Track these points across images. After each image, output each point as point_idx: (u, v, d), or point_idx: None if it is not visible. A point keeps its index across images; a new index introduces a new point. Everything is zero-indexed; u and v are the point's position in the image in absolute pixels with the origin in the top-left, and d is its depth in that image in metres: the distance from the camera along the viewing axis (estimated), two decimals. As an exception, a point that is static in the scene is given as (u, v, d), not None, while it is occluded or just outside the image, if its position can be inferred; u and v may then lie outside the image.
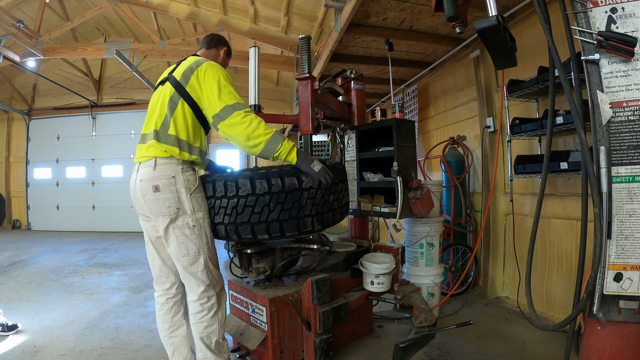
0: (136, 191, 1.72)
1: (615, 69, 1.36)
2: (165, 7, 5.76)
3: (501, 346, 2.32)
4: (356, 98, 2.98)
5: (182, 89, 1.71)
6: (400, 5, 2.78)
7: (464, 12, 1.42)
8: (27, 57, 5.85)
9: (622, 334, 1.34)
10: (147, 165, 1.68)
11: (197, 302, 1.71)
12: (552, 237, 2.69)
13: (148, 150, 1.70)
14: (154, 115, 1.76)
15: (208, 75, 1.71)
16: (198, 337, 1.72)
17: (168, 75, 1.81)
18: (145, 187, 1.67)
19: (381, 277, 2.23)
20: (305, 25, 5.06)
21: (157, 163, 1.67)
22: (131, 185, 1.77)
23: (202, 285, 1.71)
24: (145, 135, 1.78)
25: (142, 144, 1.79)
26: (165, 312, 1.84)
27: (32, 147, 8.85)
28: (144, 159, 1.71)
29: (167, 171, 1.66)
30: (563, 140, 2.61)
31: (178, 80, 1.73)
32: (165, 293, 1.85)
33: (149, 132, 1.75)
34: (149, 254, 1.88)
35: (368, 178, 2.78)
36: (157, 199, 1.65)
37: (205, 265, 1.71)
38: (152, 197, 1.66)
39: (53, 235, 7.69)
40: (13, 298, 3.45)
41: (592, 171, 1.37)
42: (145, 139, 1.77)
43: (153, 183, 1.65)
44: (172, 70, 1.83)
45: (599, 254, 1.35)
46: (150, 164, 1.67)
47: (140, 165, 1.72)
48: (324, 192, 1.79)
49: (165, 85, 1.78)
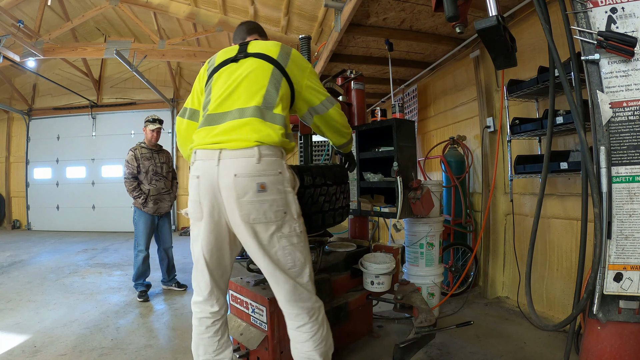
0: (224, 189, 1.33)
1: (615, 69, 1.36)
2: (165, 7, 5.76)
3: (501, 346, 2.32)
4: (356, 98, 2.98)
5: (283, 69, 1.50)
6: (400, 5, 2.78)
7: (464, 12, 1.42)
8: (27, 57, 5.85)
9: (622, 334, 1.34)
10: (246, 155, 1.31)
11: (311, 320, 1.44)
12: (552, 237, 2.69)
13: (243, 132, 1.34)
14: (241, 90, 1.44)
15: (304, 63, 1.59)
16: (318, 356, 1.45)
17: (245, 54, 1.55)
18: (246, 184, 1.30)
19: (381, 277, 2.23)
20: (305, 25, 5.06)
21: (261, 153, 1.32)
22: (207, 180, 1.35)
23: (312, 296, 1.46)
24: (227, 113, 1.42)
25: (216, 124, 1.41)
26: (212, 335, 1.52)
27: (32, 147, 8.85)
28: (236, 144, 1.32)
29: (273, 165, 1.34)
30: (563, 140, 2.61)
31: (276, 59, 1.50)
32: (212, 315, 1.52)
33: (236, 108, 1.40)
34: (200, 271, 1.49)
35: (368, 178, 2.78)
36: (261, 201, 1.31)
37: (310, 275, 1.46)
38: (254, 199, 1.31)
39: (53, 235, 7.70)
40: (13, 298, 3.45)
41: (592, 171, 1.37)
42: (226, 117, 1.40)
43: (258, 180, 1.31)
44: (242, 50, 1.58)
45: (599, 254, 1.35)
46: (251, 154, 1.31)
47: (229, 154, 1.33)
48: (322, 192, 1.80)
49: (245, 61, 1.52)
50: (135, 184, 3.44)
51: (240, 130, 1.35)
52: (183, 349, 2.39)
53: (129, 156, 3.47)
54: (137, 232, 3.49)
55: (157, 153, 3.61)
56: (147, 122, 3.55)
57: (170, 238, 3.71)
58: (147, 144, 3.57)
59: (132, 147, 3.54)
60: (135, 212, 3.50)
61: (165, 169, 3.63)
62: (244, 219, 1.33)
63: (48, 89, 8.68)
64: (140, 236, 3.47)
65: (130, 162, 3.44)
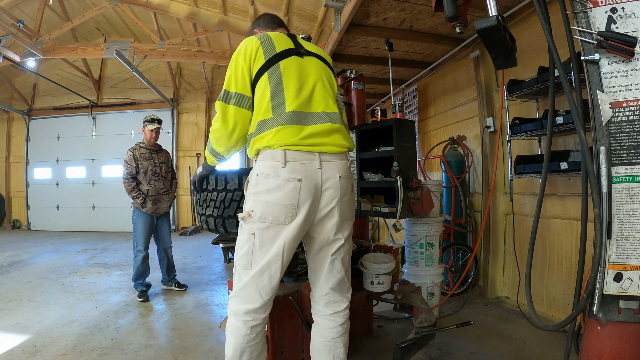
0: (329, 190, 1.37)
1: (615, 69, 1.36)
2: (165, 7, 5.77)
3: (501, 346, 2.32)
4: (356, 98, 2.97)
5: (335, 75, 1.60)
6: (400, 5, 2.78)
7: (464, 12, 1.42)
8: (27, 57, 5.85)
9: (622, 334, 1.34)
10: (342, 159, 1.42)
11: (347, 308, 1.58)
12: (552, 237, 2.68)
13: (337, 138, 1.42)
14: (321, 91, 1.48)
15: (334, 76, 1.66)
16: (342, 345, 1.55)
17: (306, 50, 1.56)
18: (348, 185, 1.42)
19: (381, 277, 2.23)
20: (305, 25, 5.06)
21: (347, 157, 1.45)
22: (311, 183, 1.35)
23: (350, 286, 1.61)
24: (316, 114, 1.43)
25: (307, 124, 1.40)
26: (261, 337, 1.48)
27: (32, 147, 8.86)
28: (333, 148, 1.40)
29: (349, 166, 1.49)
30: (563, 140, 2.61)
31: (331, 66, 1.60)
32: (264, 320, 1.47)
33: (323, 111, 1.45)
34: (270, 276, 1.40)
35: (368, 178, 2.78)
36: (351, 200, 1.44)
37: None
38: (350, 198, 1.43)
39: (53, 235, 7.70)
40: (13, 298, 3.45)
41: (592, 171, 1.37)
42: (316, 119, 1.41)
43: (351, 181, 1.44)
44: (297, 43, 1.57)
45: (599, 254, 1.34)
46: (345, 158, 1.44)
47: (329, 158, 1.39)
48: None
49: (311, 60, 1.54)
50: (134, 184, 3.44)
51: (334, 135, 1.41)
52: (183, 349, 2.39)
53: (128, 156, 3.47)
54: (136, 232, 3.49)
55: (156, 153, 3.61)
56: (146, 122, 3.55)
57: (169, 238, 3.71)
58: (146, 143, 3.57)
59: (131, 147, 3.54)
60: (134, 212, 3.50)
61: (164, 169, 3.63)
62: (342, 217, 1.42)
63: (48, 89, 8.68)
64: (139, 236, 3.47)
65: (129, 162, 3.44)
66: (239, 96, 1.46)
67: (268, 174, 1.36)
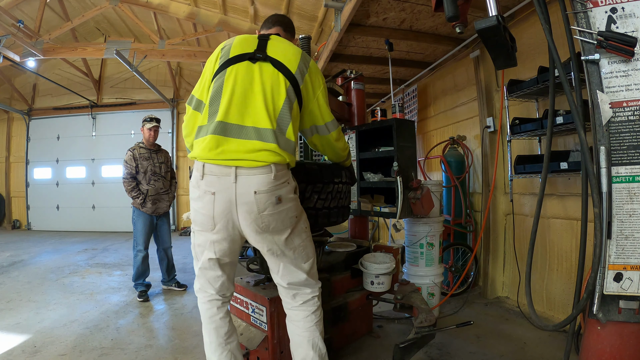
0: (243, 205, 1.37)
1: (615, 69, 1.36)
2: (165, 7, 5.76)
3: (501, 346, 2.32)
4: (356, 98, 2.98)
5: (298, 88, 1.48)
6: (400, 5, 2.78)
7: (464, 12, 1.42)
8: (27, 57, 5.85)
9: (622, 334, 1.34)
10: (263, 173, 1.36)
11: (314, 298, 1.58)
12: (552, 237, 2.68)
13: (261, 155, 1.37)
14: (256, 103, 1.41)
15: (319, 81, 1.56)
16: (319, 334, 1.57)
17: (264, 54, 1.48)
18: (266, 200, 1.37)
19: (381, 277, 2.23)
20: (305, 25, 5.05)
21: (276, 169, 1.38)
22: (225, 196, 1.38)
23: (317, 281, 1.62)
24: (243, 128, 1.39)
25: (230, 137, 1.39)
26: (223, 315, 1.60)
27: (32, 147, 8.85)
28: (253, 163, 1.36)
29: (284, 177, 1.42)
30: (563, 140, 2.61)
31: (294, 74, 1.47)
32: (222, 297, 1.60)
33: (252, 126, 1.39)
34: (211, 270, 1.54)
35: (368, 178, 2.78)
36: (279, 211, 1.40)
37: (315, 265, 1.61)
38: (273, 211, 1.38)
39: (53, 235, 7.70)
40: (13, 298, 3.45)
41: (592, 171, 1.37)
42: (241, 134, 1.39)
43: (275, 194, 1.38)
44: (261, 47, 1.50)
45: (599, 254, 1.35)
46: (267, 171, 1.37)
47: (246, 172, 1.36)
48: None
49: (263, 67, 1.46)
50: (134, 184, 3.44)
51: (258, 154, 1.37)
52: (183, 349, 2.39)
53: (128, 156, 3.47)
54: (136, 232, 3.49)
55: (155, 153, 3.61)
56: (144, 121, 3.55)
57: (169, 238, 3.71)
58: (146, 143, 3.57)
59: (131, 147, 3.54)
60: (134, 212, 3.50)
61: (163, 169, 3.63)
62: (264, 230, 1.41)
63: (48, 89, 8.68)
64: (139, 236, 3.47)
65: (129, 162, 3.44)
66: (198, 101, 1.56)
67: (193, 184, 1.47)
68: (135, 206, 3.47)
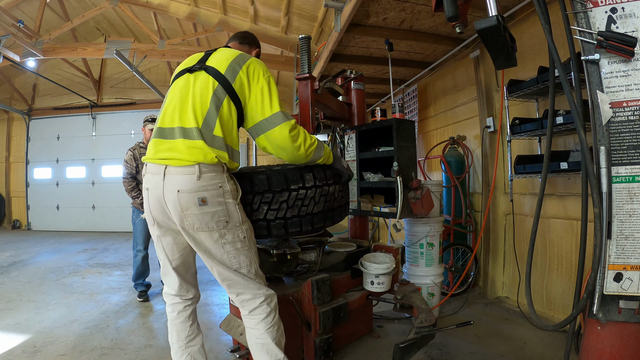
0: (169, 202, 1.44)
1: (615, 69, 1.36)
2: (165, 7, 5.76)
3: (501, 346, 2.32)
4: (356, 98, 2.98)
5: (229, 85, 1.50)
6: (400, 5, 2.78)
7: (464, 12, 1.42)
8: (27, 57, 5.85)
9: (622, 334, 1.34)
10: (187, 173, 1.41)
11: (262, 305, 1.56)
12: (552, 237, 2.68)
13: (186, 153, 1.42)
14: (186, 107, 1.49)
15: (257, 75, 1.56)
16: (272, 342, 1.56)
17: (201, 64, 1.57)
18: (188, 199, 1.41)
19: (381, 277, 2.23)
20: (305, 25, 5.06)
21: (201, 171, 1.41)
22: (155, 193, 1.48)
23: (262, 287, 1.59)
24: (173, 130, 1.48)
25: (165, 139, 1.50)
26: (184, 320, 1.70)
27: (32, 147, 8.85)
28: (179, 162, 1.42)
29: (214, 180, 1.43)
30: (563, 140, 2.61)
31: (223, 74, 1.51)
32: (184, 301, 1.70)
33: (179, 126, 1.47)
34: (165, 268, 1.67)
35: (368, 178, 2.78)
36: (203, 212, 1.42)
37: (256, 272, 1.60)
38: (196, 211, 1.42)
39: (53, 235, 7.70)
40: (13, 298, 3.45)
41: (592, 171, 1.37)
42: (172, 134, 1.48)
43: (199, 195, 1.41)
44: (202, 59, 1.61)
45: (599, 254, 1.35)
46: (191, 171, 1.40)
47: (173, 170, 1.43)
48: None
49: (198, 75, 1.55)
50: (134, 184, 3.44)
51: (183, 151, 1.43)
52: (183, 349, 2.39)
53: (128, 156, 3.47)
54: (136, 232, 3.49)
55: (156, 153, 3.61)
56: (145, 121, 3.55)
57: (170, 238, 3.71)
58: (146, 143, 3.56)
59: (131, 147, 3.54)
60: (134, 212, 3.50)
61: (164, 169, 3.63)
62: (189, 228, 1.45)
63: (48, 89, 8.67)
64: (139, 236, 3.47)
65: (129, 162, 3.44)
66: None
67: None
68: (135, 206, 3.47)
